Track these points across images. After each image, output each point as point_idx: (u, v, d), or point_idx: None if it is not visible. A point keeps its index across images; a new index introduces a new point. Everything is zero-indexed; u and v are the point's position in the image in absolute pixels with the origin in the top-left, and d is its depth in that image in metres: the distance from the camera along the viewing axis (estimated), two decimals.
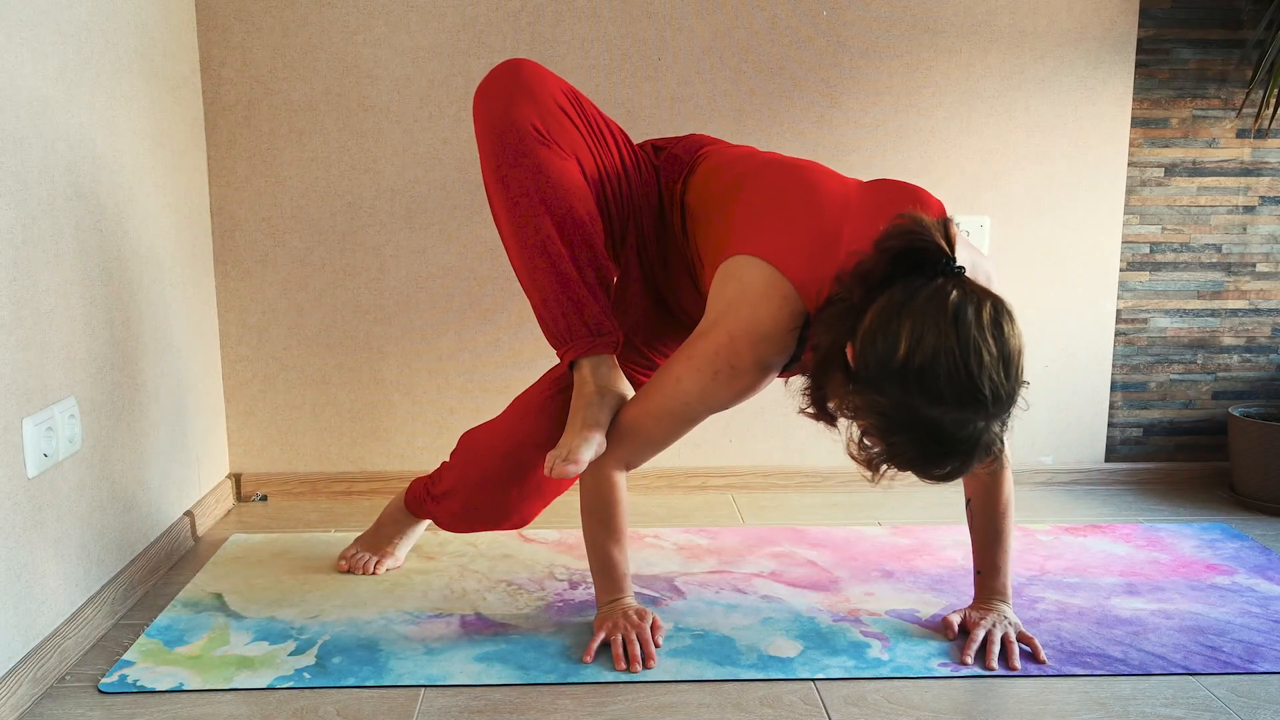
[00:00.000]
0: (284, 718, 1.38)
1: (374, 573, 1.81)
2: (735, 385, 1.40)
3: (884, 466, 1.27)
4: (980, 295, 1.22)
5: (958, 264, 1.25)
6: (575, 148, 1.47)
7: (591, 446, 1.47)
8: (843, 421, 1.34)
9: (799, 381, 1.38)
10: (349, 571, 1.82)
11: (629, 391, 1.53)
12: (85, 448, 1.60)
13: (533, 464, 1.61)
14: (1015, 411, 1.24)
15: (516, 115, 1.44)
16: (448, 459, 1.73)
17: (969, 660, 1.50)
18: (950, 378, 1.18)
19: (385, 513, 1.85)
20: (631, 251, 1.57)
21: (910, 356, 1.19)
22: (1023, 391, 1.24)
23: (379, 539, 1.84)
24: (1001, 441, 1.25)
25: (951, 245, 1.25)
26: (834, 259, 1.34)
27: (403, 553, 1.85)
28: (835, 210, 1.38)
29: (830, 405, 1.34)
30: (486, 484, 1.64)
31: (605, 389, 1.49)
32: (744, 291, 1.37)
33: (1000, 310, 1.22)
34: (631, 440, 1.50)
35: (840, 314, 1.29)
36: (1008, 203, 2.26)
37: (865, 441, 1.28)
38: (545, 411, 1.60)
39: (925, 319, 1.20)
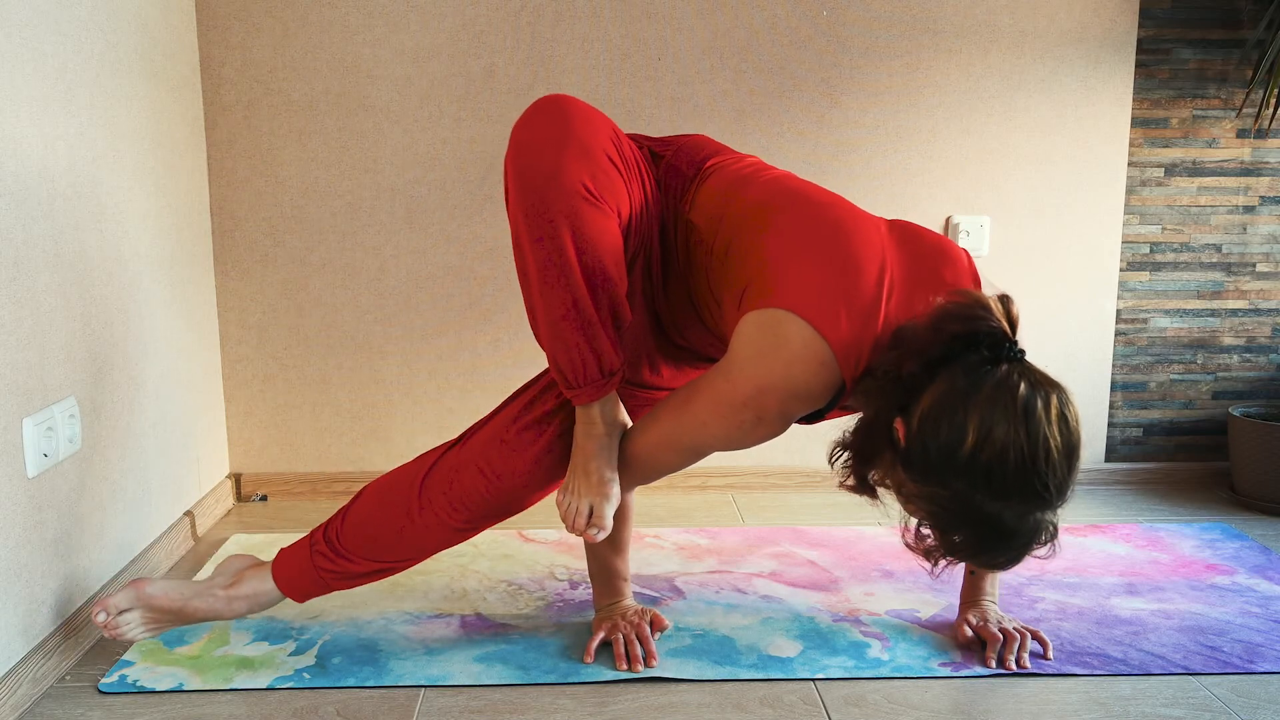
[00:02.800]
0: (284, 718, 1.38)
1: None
2: (758, 432, 1.37)
3: (943, 561, 1.25)
4: (1047, 386, 1.18)
5: (1020, 348, 1.21)
6: (618, 200, 1.36)
7: (614, 503, 1.45)
8: (884, 492, 1.31)
9: (840, 456, 1.34)
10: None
11: (629, 419, 1.50)
12: (85, 447, 1.60)
13: (521, 502, 1.54)
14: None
15: (567, 174, 1.30)
16: (350, 522, 1.53)
17: (991, 663, 1.50)
18: (1018, 473, 1.15)
19: (245, 601, 1.55)
20: (638, 274, 1.50)
21: (978, 450, 1.16)
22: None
23: (196, 613, 1.54)
24: (1056, 526, 1.23)
25: (1014, 327, 1.22)
26: (874, 327, 1.30)
27: None
28: (875, 270, 1.32)
29: (872, 478, 1.30)
30: (455, 526, 1.53)
31: (613, 425, 1.47)
32: (778, 347, 1.30)
33: (1064, 400, 1.18)
34: (648, 468, 1.49)
35: (884, 386, 1.25)
36: (1008, 203, 2.26)
37: (922, 531, 1.26)
38: (551, 454, 1.51)
39: (994, 411, 1.16)
